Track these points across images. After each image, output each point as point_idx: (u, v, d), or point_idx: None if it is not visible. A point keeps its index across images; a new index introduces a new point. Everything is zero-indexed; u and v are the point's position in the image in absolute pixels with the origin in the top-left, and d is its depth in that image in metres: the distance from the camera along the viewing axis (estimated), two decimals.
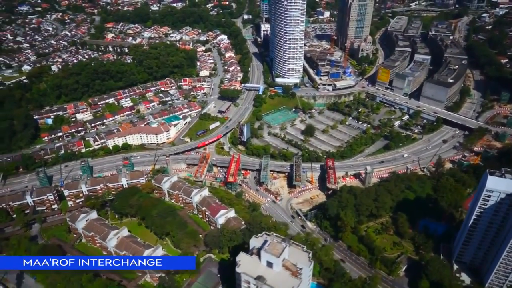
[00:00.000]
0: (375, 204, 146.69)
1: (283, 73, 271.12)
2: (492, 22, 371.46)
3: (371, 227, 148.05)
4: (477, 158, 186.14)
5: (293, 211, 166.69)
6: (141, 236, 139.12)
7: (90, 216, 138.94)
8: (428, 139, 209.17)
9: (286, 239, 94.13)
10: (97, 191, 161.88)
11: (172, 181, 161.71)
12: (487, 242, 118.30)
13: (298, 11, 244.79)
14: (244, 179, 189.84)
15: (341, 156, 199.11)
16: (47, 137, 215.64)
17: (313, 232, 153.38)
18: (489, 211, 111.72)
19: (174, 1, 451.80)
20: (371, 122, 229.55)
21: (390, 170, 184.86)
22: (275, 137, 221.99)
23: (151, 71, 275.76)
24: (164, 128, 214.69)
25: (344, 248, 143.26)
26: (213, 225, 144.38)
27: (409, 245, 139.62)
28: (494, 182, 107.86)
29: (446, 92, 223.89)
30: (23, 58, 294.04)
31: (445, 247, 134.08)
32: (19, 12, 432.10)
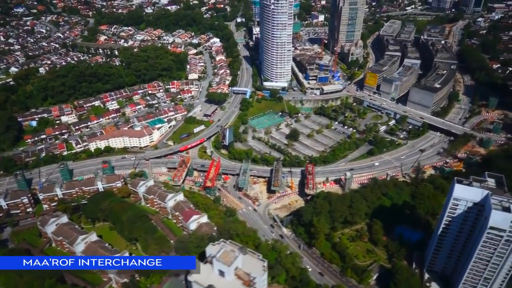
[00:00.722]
0: (350, 210, 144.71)
1: (271, 77, 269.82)
2: (487, 27, 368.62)
3: (346, 234, 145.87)
4: (460, 165, 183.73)
5: (270, 216, 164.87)
6: (113, 241, 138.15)
7: (60, 220, 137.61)
8: (412, 144, 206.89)
9: (242, 247, 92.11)
10: (72, 194, 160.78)
11: (148, 186, 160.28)
12: (457, 251, 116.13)
13: (285, 14, 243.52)
14: (224, 183, 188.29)
15: (323, 161, 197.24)
16: (30, 140, 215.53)
17: (288, 238, 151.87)
18: (458, 219, 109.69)
19: (169, 4, 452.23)
20: (357, 127, 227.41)
21: (372, 175, 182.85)
22: (259, 141, 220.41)
23: (139, 73, 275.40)
24: (147, 131, 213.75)
25: (317, 255, 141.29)
26: (185, 230, 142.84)
27: (382, 253, 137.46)
28: (461, 190, 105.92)
29: (432, 97, 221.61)
30: (12, 60, 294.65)
31: (418, 255, 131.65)
32: (15, 14, 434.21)
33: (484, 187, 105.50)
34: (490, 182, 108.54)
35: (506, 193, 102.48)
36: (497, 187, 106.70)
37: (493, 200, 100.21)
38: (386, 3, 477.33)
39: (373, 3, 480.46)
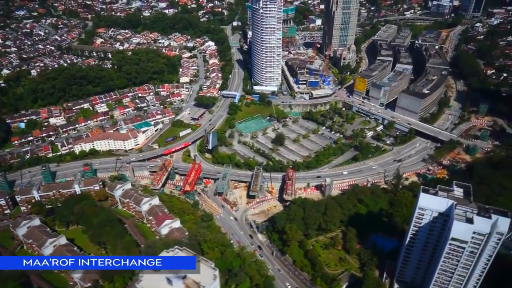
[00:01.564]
0: (324, 217, 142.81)
1: (261, 81, 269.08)
2: (485, 32, 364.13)
3: (320, 241, 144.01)
4: (443, 172, 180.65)
5: (247, 222, 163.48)
6: (84, 245, 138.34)
7: (32, 223, 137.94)
8: (397, 151, 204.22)
9: (196, 254, 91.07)
10: (50, 197, 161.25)
11: (125, 189, 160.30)
12: (426, 262, 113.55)
13: (273, 19, 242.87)
14: (205, 188, 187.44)
15: (307, 166, 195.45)
16: (17, 141, 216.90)
17: (263, 244, 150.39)
18: (424, 229, 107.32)
19: (167, 7, 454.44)
20: (344, 132, 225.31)
21: (353, 182, 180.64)
22: (244, 146, 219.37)
23: (130, 76, 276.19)
24: (132, 134, 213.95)
25: (289, 262, 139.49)
26: (158, 235, 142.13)
27: (355, 261, 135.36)
28: (427, 200, 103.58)
29: (420, 103, 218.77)
30: (6, 62, 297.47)
31: (390, 264, 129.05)
32: (16, 16, 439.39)
33: (450, 197, 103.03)
34: (458, 192, 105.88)
35: (472, 204, 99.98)
36: (464, 197, 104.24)
37: (457, 210, 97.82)
38: (385, 8, 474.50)
39: (372, 7, 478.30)
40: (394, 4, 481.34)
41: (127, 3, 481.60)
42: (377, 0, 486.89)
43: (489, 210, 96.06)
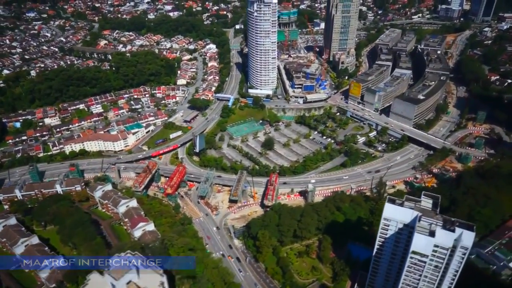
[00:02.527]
0: (299, 225, 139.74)
1: (256, 84, 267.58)
2: (493, 37, 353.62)
3: (295, 249, 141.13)
4: (432, 180, 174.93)
5: (225, 227, 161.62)
6: (58, 245, 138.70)
7: (8, 221, 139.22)
8: (388, 158, 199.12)
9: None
10: (31, 196, 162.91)
11: (105, 190, 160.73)
12: (394, 274, 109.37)
13: (268, 22, 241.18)
14: (189, 191, 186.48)
15: (293, 171, 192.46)
16: (12, 140, 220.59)
17: (238, 250, 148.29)
18: (390, 241, 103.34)
19: (172, 10, 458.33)
20: (336, 137, 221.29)
21: (339, 188, 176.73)
22: (233, 149, 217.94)
23: (127, 78, 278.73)
24: (121, 135, 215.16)
25: (262, 269, 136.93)
26: (132, 237, 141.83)
27: (328, 270, 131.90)
28: (392, 210, 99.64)
29: (414, 109, 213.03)
30: (8, 63, 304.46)
31: (362, 275, 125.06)
32: (26, 18, 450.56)
33: (416, 208, 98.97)
34: (426, 203, 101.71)
35: (437, 216, 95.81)
36: (432, 208, 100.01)
37: (422, 222, 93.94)
38: (393, 12, 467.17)
39: (379, 11, 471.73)
40: (402, 8, 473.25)
41: (134, 6, 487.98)
42: (385, 4, 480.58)
43: (454, 223, 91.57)
